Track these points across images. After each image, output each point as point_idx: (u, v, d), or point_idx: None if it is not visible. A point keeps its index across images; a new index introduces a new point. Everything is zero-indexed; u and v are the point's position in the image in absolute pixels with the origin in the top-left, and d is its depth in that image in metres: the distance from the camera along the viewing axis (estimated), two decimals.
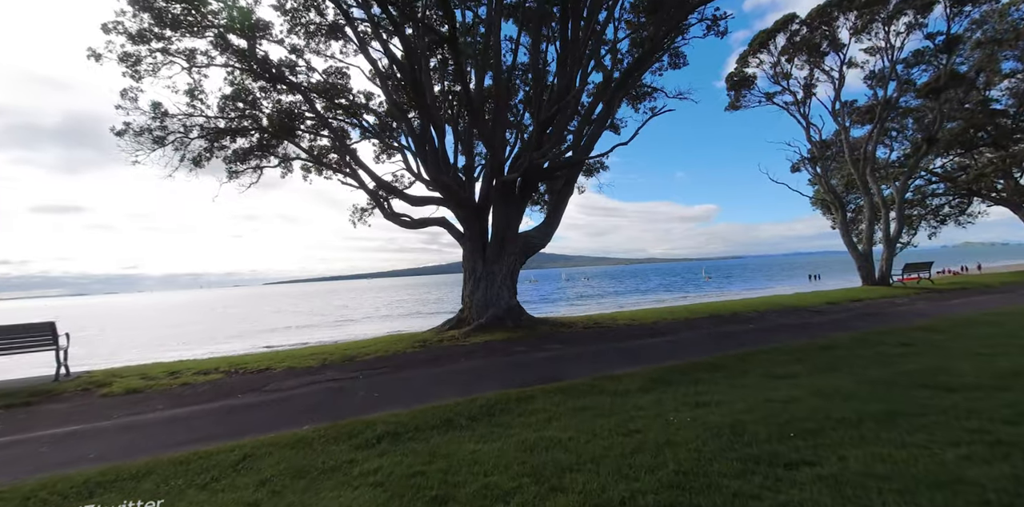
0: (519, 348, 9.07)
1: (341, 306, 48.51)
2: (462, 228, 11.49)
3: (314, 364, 8.26)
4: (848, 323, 10.83)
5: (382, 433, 4.64)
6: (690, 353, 8.24)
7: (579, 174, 12.88)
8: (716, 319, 12.16)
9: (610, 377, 6.53)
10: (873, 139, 18.31)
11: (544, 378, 6.85)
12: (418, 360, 8.33)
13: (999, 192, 26.08)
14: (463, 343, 9.55)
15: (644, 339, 9.82)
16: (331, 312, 38.98)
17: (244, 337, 21.54)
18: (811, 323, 11.11)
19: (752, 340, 9.25)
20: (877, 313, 12.22)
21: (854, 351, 7.45)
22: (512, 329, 10.77)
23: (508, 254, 11.37)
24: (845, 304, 14.30)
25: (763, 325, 11.02)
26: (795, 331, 10.08)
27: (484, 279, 11.20)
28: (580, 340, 9.87)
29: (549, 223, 12.38)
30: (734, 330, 10.53)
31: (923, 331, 8.89)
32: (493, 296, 11.14)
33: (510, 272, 11.44)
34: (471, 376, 7.15)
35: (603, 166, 19.39)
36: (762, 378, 6.06)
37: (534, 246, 12.04)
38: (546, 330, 10.88)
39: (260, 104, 14.03)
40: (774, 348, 8.08)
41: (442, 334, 10.47)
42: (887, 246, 18.25)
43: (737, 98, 20.72)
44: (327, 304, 54.65)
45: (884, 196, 18.75)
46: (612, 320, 12.52)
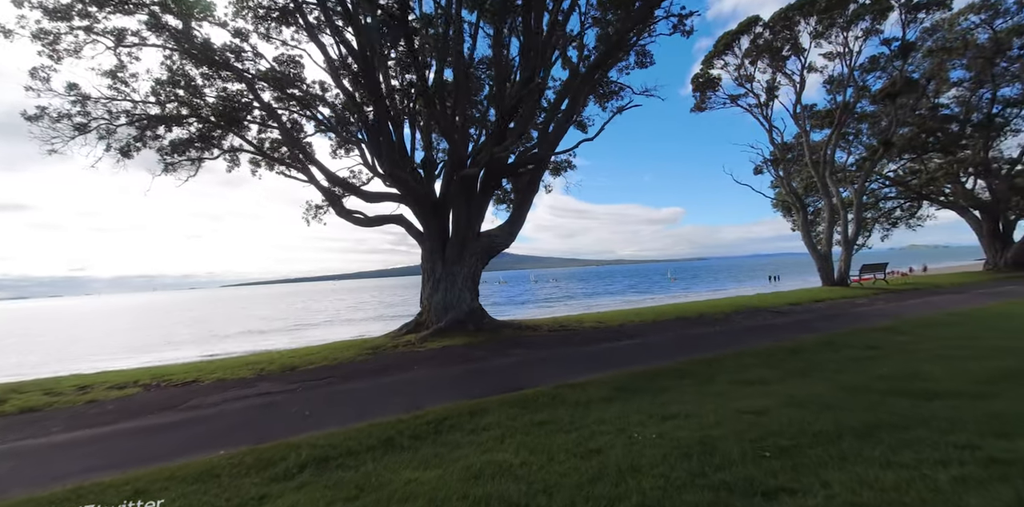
0: (479, 354, 8.50)
1: (301, 310, 46.60)
2: (421, 227, 10.84)
3: (248, 375, 7.45)
4: (812, 324, 10.77)
5: (307, 459, 3.99)
6: (656, 357, 7.88)
7: (545, 171, 12.43)
8: (682, 321, 11.93)
9: (573, 385, 6.06)
10: (832, 142, 18.71)
11: (502, 387, 6.31)
12: (366, 369, 7.64)
13: (947, 196, 27.29)
14: (419, 349, 8.91)
15: (610, 342, 9.43)
16: (289, 316, 37.06)
17: (187, 344, 20.06)
18: (776, 325, 11.01)
19: (719, 343, 8.99)
20: (839, 314, 12.26)
21: (822, 354, 7.24)
22: (473, 333, 10.19)
23: (470, 254, 10.79)
24: (807, 305, 14.38)
25: (729, 327, 10.83)
26: (761, 333, 9.91)
27: (444, 280, 10.58)
28: (544, 344, 9.39)
29: (513, 222, 11.87)
30: (701, 332, 10.29)
31: (887, 333, 8.83)
32: (453, 299, 10.53)
33: (472, 273, 10.86)
34: (423, 387, 6.54)
35: (570, 165, 19.05)
36: (731, 385, 5.71)
37: (498, 246, 11.51)
38: (509, 334, 10.35)
39: (202, 92, 13.00)
40: (742, 352, 7.81)
41: (397, 339, 9.79)
42: (845, 247, 18.66)
43: (702, 100, 20.83)
44: (287, 308, 52.45)
45: (843, 198, 19.19)
46: (578, 322, 12.12)
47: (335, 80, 10.47)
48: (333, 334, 19.37)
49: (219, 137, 13.28)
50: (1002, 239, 25.22)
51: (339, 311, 40.22)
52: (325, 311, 41.78)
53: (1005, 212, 24.68)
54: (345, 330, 22.14)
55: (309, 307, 50.86)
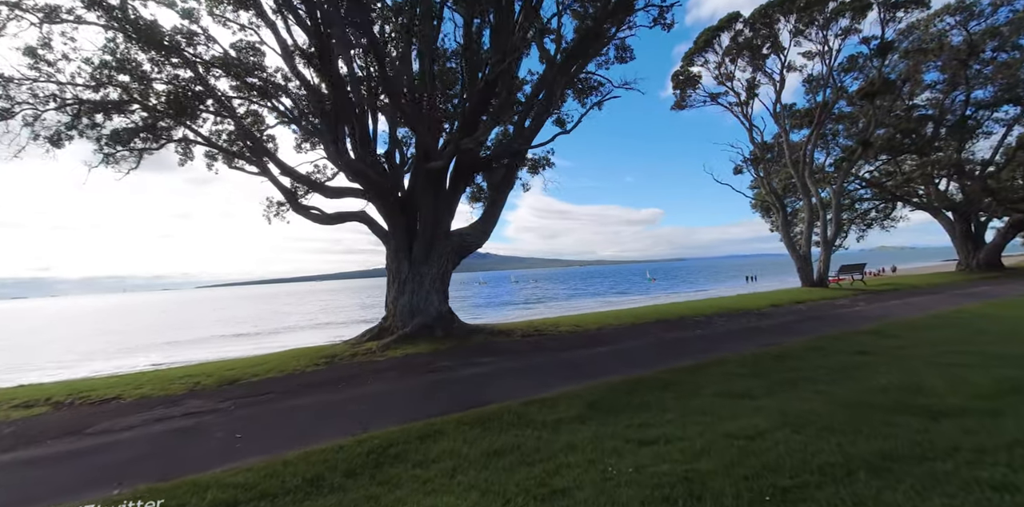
0: (444, 363, 7.79)
1: (274, 313, 44.97)
2: (386, 224, 10.07)
3: (178, 391, 6.60)
4: (796, 327, 10.37)
5: (210, 506, 3.25)
6: (636, 365, 7.30)
7: (520, 167, 11.78)
8: (663, 324, 11.43)
9: (543, 400, 5.42)
10: (812, 142, 18.56)
11: (465, 403, 5.64)
12: (316, 382, 6.86)
13: (921, 198, 27.60)
14: (378, 358, 8.15)
15: (587, 349, 8.83)
16: (259, 320, 35.49)
17: (140, 351, 18.75)
18: (759, 327, 10.58)
19: (701, 348, 8.47)
20: (822, 316, 11.92)
21: (811, 361, 6.76)
22: (441, 339, 9.48)
23: (438, 254, 10.08)
24: (788, 306, 14.06)
25: (711, 331, 10.36)
26: (744, 337, 9.45)
27: (410, 282, 9.84)
28: (517, 351, 8.74)
29: (487, 220, 11.20)
30: (682, 337, 9.78)
31: (874, 336, 8.44)
32: (420, 302, 9.80)
33: (441, 274, 10.14)
34: (375, 403, 5.81)
35: (549, 163, 18.43)
36: (717, 398, 5.14)
37: (470, 245, 10.81)
38: (480, 340, 9.67)
39: (150, 78, 12.02)
40: (725, 358, 7.28)
41: (357, 347, 9.02)
42: (825, 248, 18.52)
43: (683, 97, 20.50)
44: (260, 310, 50.67)
45: (822, 198, 19.08)
46: (554, 326, 11.51)
47: (288, 64, 9.62)
48: (300, 340, 18.35)
49: (169, 128, 12.30)
50: (974, 240, 25.59)
51: (313, 314, 38.75)
52: (298, 314, 40.29)
53: (977, 213, 25.04)
54: (314, 335, 20.95)
55: (283, 310, 49.18)
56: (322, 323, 29.51)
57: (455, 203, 10.35)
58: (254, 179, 11.78)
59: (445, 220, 10.08)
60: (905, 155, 26.26)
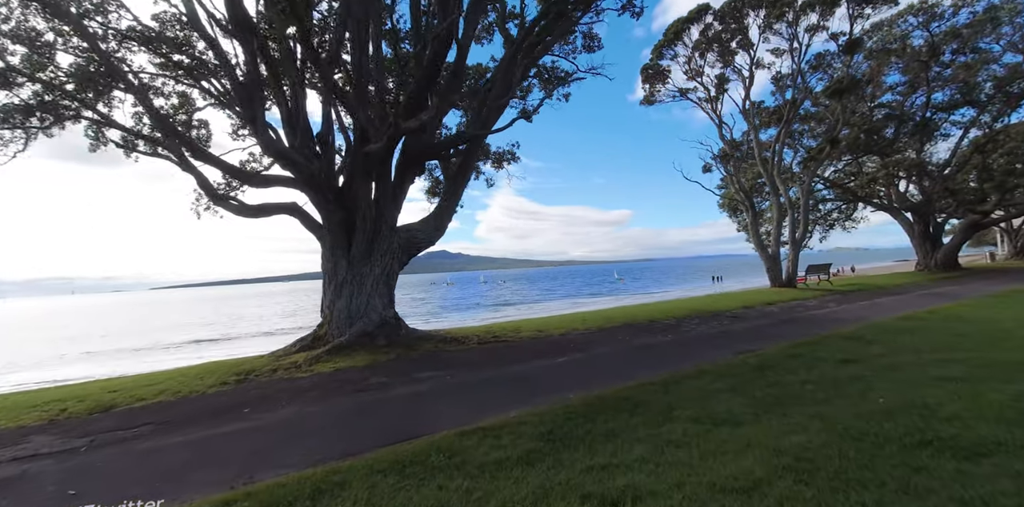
0: (379, 379, 6.66)
1: (226, 316, 42.31)
2: (320, 218, 8.83)
3: (34, 420, 5.25)
4: (770, 331, 9.70)
5: None
6: (601, 379, 6.37)
7: (478, 157, 10.71)
8: (632, 328, 10.60)
9: (487, 430, 4.40)
10: (780, 140, 18.24)
11: (389, 434, 4.56)
12: (212, 408, 5.62)
13: (881, 198, 28.02)
14: (302, 374, 6.94)
15: (548, 358, 7.85)
16: (205, 325, 32.91)
17: (45, 365, 16.62)
18: (732, 331, 9.87)
19: (673, 356, 7.63)
20: (795, 318, 11.35)
21: (795, 373, 5.98)
22: (384, 349, 8.33)
23: (382, 252, 8.91)
24: (760, 308, 13.51)
25: (683, 336, 9.57)
26: (718, 343, 8.69)
27: (349, 284, 8.64)
28: (468, 363, 7.68)
29: (440, 215, 10.09)
30: (652, 342, 8.94)
31: (855, 342, 7.78)
32: (360, 306, 8.61)
33: (385, 275, 8.98)
34: (277, 438, 4.64)
35: (513, 157, 17.59)
36: (696, 425, 4.24)
37: (419, 242, 9.68)
38: (429, 349, 8.56)
39: (54, 51, 10.49)
40: (701, 369, 6.44)
41: (281, 360, 7.76)
42: (793, 247, 18.24)
43: (652, 92, 19.91)
44: (211, 314, 47.70)
45: (790, 197, 18.84)
46: (516, 331, 10.51)
47: (193, 24, 8.25)
48: (240, 349, 16.61)
49: (77, 108, 10.71)
50: (932, 241, 26.08)
51: (267, 318, 36.40)
52: (250, 318, 37.93)
53: (935, 214, 25.52)
54: (258, 344, 18.78)
55: (237, 313, 46.43)
56: (274, 330, 27.20)
57: (402, 195, 9.19)
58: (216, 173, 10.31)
59: (390, 214, 8.91)
60: (867, 156, 26.62)
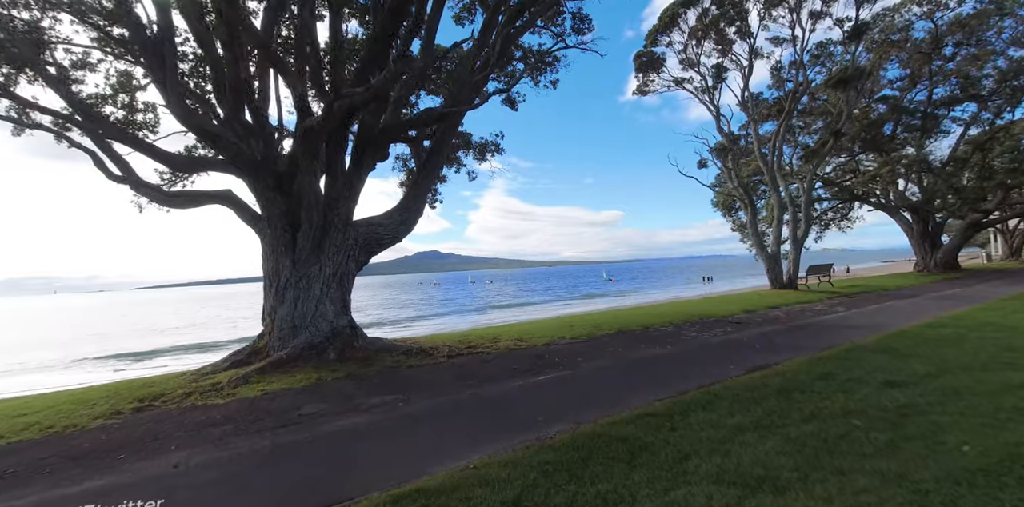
0: (314, 407, 5.33)
1: (203, 319, 40.48)
2: (259, 208, 7.48)
3: None
4: (782, 341, 8.53)
5: None
6: (591, 405, 5.14)
7: (450, 141, 9.39)
8: (625, 337, 9.37)
9: (431, 494, 3.13)
10: (780, 133, 17.17)
11: (293, 501, 3.26)
12: (80, 452, 4.26)
13: (879, 197, 27.19)
14: (219, 401, 5.59)
15: (528, 376, 6.58)
16: (174, 330, 30.80)
17: None
18: (739, 341, 8.67)
19: (677, 375, 6.40)
20: (806, 325, 10.20)
21: (831, 398, 4.79)
22: (333, 365, 7.00)
23: (336, 249, 7.58)
24: (764, 312, 12.37)
25: (684, 346, 8.35)
26: (726, 355, 7.49)
27: (293, 288, 7.29)
28: (430, 383, 6.38)
29: (407, 207, 8.77)
30: (649, 355, 7.70)
31: (888, 356, 6.62)
32: (307, 314, 7.27)
33: (338, 276, 7.64)
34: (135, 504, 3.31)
35: (497, 148, 16.36)
36: (722, 491, 3.00)
37: (381, 238, 8.35)
38: (388, 364, 7.25)
39: None
40: (713, 393, 5.22)
41: (202, 380, 6.39)
42: (794, 246, 17.18)
43: (645, 82, 18.75)
44: (187, 316, 45.76)
45: (791, 193, 17.79)
46: (494, 341, 9.23)
47: None
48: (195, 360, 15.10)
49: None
50: (932, 241, 25.27)
51: (239, 322, 34.52)
52: (223, 321, 36.15)
53: (934, 214, 24.71)
54: (200, 357, 16.81)
55: (218, 315, 44.55)
56: (235, 338, 24.66)
57: (358, 183, 7.87)
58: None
59: (344, 205, 7.59)
60: (864, 154, 25.76)
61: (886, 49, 19.68)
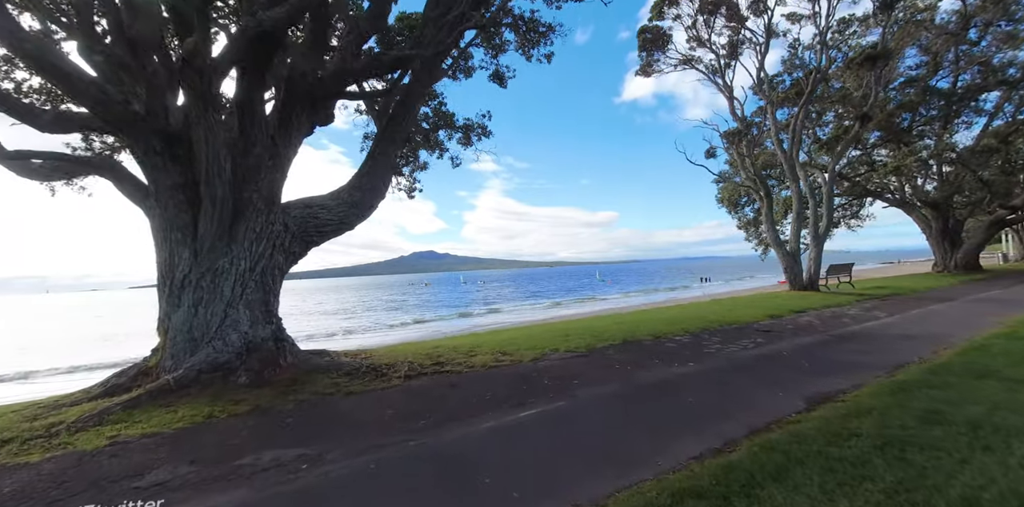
0: (163, 474, 3.45)
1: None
2: (145, 178, 5.58)
3: None
4: (830, 356, 6.75)
5: None
6: (593, 471, 3.32)
7: (418, 100, 7.50)
8: (633, 349, 7.54)
9: None
10: (800, 118, 15.42)
11: None
12: None
13: (893, 193, 25.58)
14: (32, 456, 3.70)
15: (504, 411, 4.74)
16: (128, 335, 27.09)
17: None
18: (779, 356, 6.87)
19: (713, 409, 4.60)
20: (850, 335, 8.43)
21: (983, 467, 2.99)
22: (242, 392, 5.15)
23: (254, 237, 5.73)
24: (791, 317, 10.60)
25: (711, 364, 6.53)
26: (770, 377, 5.70)
27: (194, 287, 5.44)
28: (365, 424, 4.53)
29: (358, 184, 6.91)
30: (667, 377, 5.87)
31: (993, 381, 4.87)
32: (211, 322, 5.41)
33: (259, 273, 5.79)
34: None
35: (484, 131, 14.65)
36: None
37: (324, 224, 6.50)
38: (321, 389, 5.40)
39: None
40: (779, 451, 3.39)
41: (47, 415, 4.50)
42: (815, 244, 15.44)
43: (649, 62, 16.97)
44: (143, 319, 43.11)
45: (811, 185, 16.06)
46: (470, 354, 7.40)
47: None
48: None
49: None
50: (952, 240, 23.65)
51: None
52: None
53: (958, 209, 23.11)
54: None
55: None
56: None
57: (288, 150, 6.01)
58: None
59: (266, 177, 5.73)
60: (883, 145, 24.11)
61: (910, 30, 18.01)
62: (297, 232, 6.26)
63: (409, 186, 14.48)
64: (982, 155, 18.92)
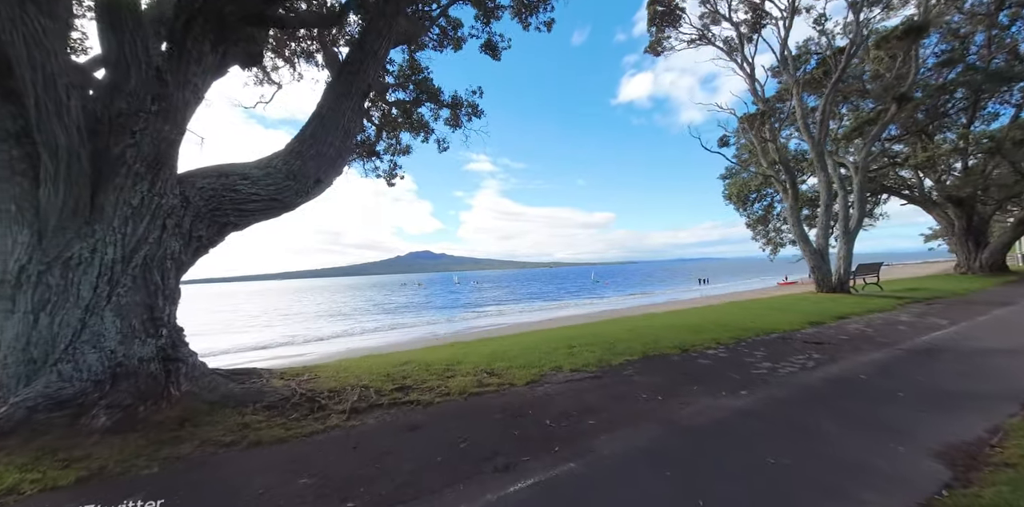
0: None
1: None
2: None
3: None
4: (921, 379, 5.05)
5: None
6: None
7: (380, 46, 5.76)
8: (659, 369, 5.81)
9: None
10: (829, 99, 13.79)
11: None
12: None
13: (912, 189, 24.10)
14: None
15: (483, 482, 3.00)
16: None
17: None
18: (853, 381, 5.17)
19: (801, 478, 2.86)
20: (926, 350, 6.75)
21: None
22: (99, 440, 3.42)
23: (133, 212, 4.01)
24: (835, 325, 8.94)
25: (767, 392, 4.80)
26: (863, 415, 3.99)
27: (34, 284, 3.72)
28: (261, 504, 2.81)
29: (299, 150, 5.19)
30: (718, 415, 4.10)
31: None
32: (61, 334, 3.68)
33: (140, 267, 4.07)
34: None
35: (475, 110, 13.02)
36: None
37: (246, 199, 4.78)
38: (223, 433, 3.68)
39: None
40: None
41: None
42: (845, 240, 13.80)
43: (659, 39, 15.31)
44: None
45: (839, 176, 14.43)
46: (445, 375, 5.68)
47: None
48: None
49: None
50: (976, 239, 22.13)
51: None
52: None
53: (986, 205, 21.60)
54: None
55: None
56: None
57: (188, 91, 4.28)
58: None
59: (151, 130, 4.01)
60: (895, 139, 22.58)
61: (942, 8, 16.43)
62: (205, 209, 4.52)
63: (389, 171, 12.74)
64: (1017, 146, 17.37)
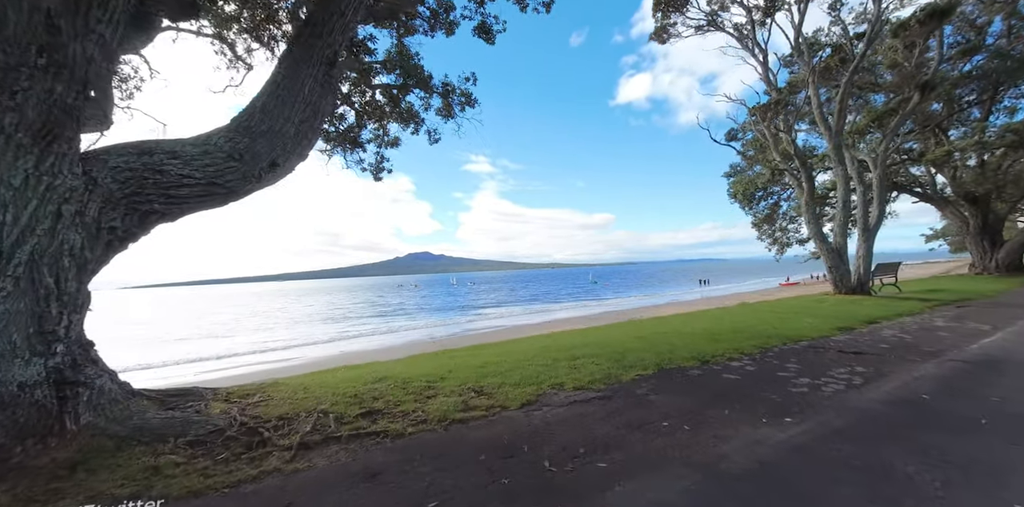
0: None
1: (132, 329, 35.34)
2: None
3: None
4: (996, 400, 4.17)
5: None
6: None
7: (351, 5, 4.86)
8: (679, 387, 4.89)
9: None
10: (846, 88, 12.90)
11: None
12: None
13: (924, 187, 23.28)
14: None
15: None
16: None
17: None
18: (916, 403, 4.25)
19: None
20: (989, 362, 5.85)
21: None
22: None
23: (13, 195, 3.11)
24: (867, 330, 8.05)
25: (816, 418, 3.87)
26: (950, 451, 3.02)
27: None
28: None
29: (247, 125, 4.28)
30: (764, 454, 3.12)
31: None
32: None
33: (21, 261, 3.18)
34: None
35: (468, 98, 12.16)
36: None
37: (177, 184, 3.87)
38: (119, 484, 2.75)
39: None
40: None
41: None
42: (865, 238, 12.94)
43: (664, 26, 14.45)
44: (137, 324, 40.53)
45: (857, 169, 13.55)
46: (422, 396, 4.78)
47: None
48: None
49: None
50: (991, 238, 21.30)
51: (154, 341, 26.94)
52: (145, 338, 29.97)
53: (1003, 203, 20.80)
54: None
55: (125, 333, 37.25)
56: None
57: (89, 43, 3.36)
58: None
59: (37, 90, 3.11)
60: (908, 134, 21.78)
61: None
62: (119, 194, 3.61)
63: (375, 164, 11.83)
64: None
